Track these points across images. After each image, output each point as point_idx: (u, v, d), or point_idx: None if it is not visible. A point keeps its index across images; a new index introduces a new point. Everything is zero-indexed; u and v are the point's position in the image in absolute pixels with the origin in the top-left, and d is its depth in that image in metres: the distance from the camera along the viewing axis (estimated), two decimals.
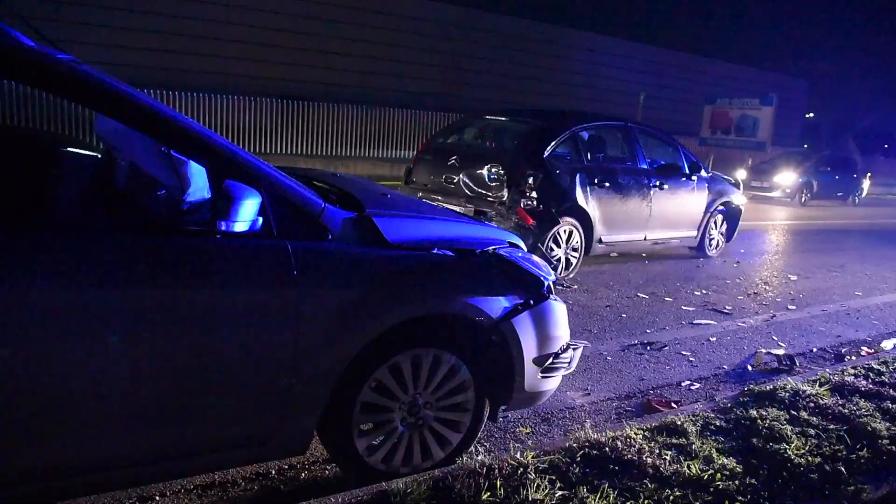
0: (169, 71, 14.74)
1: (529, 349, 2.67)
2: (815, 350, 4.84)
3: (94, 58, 13.36)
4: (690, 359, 4.39)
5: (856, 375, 3.85)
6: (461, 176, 6.22)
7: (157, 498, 2.39)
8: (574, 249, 6.33)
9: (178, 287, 1.93)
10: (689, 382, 3.97)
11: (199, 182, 2.21)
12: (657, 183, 7.00)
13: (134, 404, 1.96)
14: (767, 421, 3.04)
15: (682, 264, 7.61)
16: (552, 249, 6.10)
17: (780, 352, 4.57)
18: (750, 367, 4.32)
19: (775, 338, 5.03)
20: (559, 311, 2.81)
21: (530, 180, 5.93)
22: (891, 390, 3.61)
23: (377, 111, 16.47)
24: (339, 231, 2.26)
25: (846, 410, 3.24)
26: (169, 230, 2.04)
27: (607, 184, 6.48)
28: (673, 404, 3.54)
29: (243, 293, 2.03)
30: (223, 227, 1.90)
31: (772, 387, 3.51)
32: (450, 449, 2.63)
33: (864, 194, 19.99)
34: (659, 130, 7.70)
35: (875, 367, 4.06)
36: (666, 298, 5.94)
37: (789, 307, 6.03)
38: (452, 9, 19.69)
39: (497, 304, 2.56)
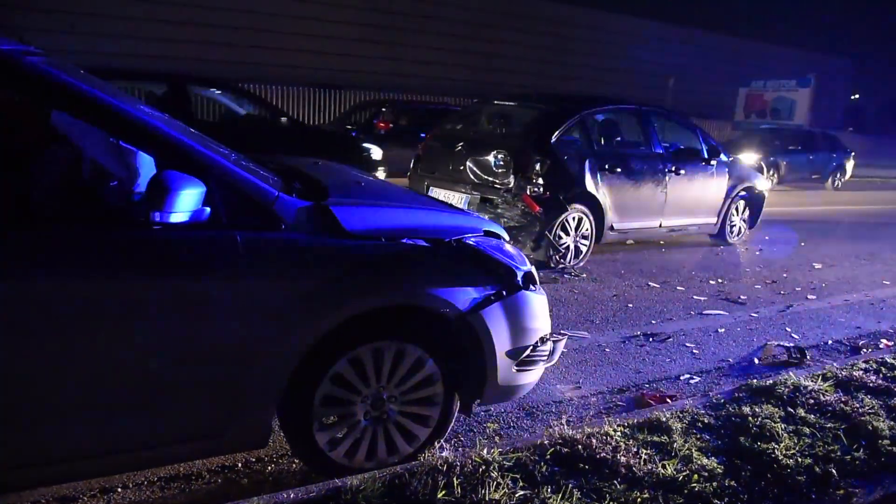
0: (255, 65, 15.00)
1: (502, 342, 2.57)
2: (830, 342, 4.62)
3: (184, 53, 13.69)
4: (694, 351, 4.22)
5: (866, 370, 3.64)
6: (467, 163, 6.11)
7: (120, 490, 2.38)
8: (584, 237, 6.18)
9: (117, 279, 1.90)
10: (688, 376, 3.82)
11: (150, 173, 2.17)
12: (673, 168, 6.77)
13: (80, 397, 1.94)
14: (759, 418, 2.88)
15: (701, 252, 7.37)
16: (560, 237, 5.96)
17: (791, 344, 4.37)
18: (757, 361, 4.14)
19: (789, 329, 4.82)
20: (536, 302, 2.71)
21: (537, 167, 5.79)
22: None
23: (405, 99, 16.41)
24: (294, 220, 2.20)
25: (848, 408, 3.06)
26: (113, 222, 2.01)
27: (619, 169, 6.29)
28: (667, 399, 3.40)
29: (186, 284, 1.99)
30: (157, 218, 1.86)
31: (771, 382, 3.34)
32: (417, 444, 2.56)
33: (846, 177, 17.72)
34: (676, 114, 7.46)
35: (889, 360, 3.84)
36: (678, 287, 5.75)
37: (809, 297, 5.78)
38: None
39: (465, 296, 2.47)
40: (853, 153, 17.94)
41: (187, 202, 1.91)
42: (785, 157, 15.94)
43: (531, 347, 2.69)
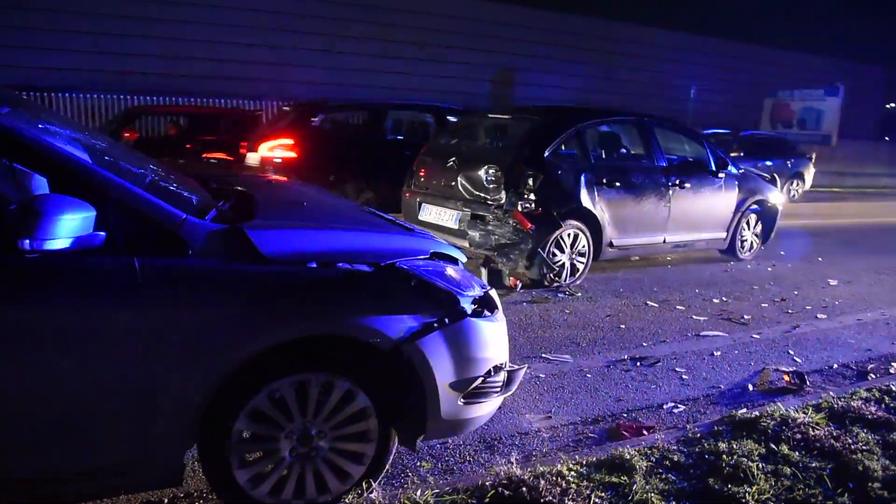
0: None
1: (444, 373, 2.38)
2: (835, 366, 4.30)
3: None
4: (683, 377, 3.96)
5: (867, 399, 3.35)
6: (459, 178, 5.94)
7: None
8: (581, 254, 5.94)
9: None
10: (673, 404, 3.55)
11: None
12: (677, 181, 6.50)
13: None
14: (735, 456, 2.63)
15: (709, 268, 7.06)
16: (555, 255, 5.73)
17: (791, 369, 4.08)
18: (751, 387, 3.86)
19: (792, 352, 4.51)
20: (487, 330, 2.51)
21: (529, 181, 5.59)
22: None
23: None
24: (204, 245, 2.05)
25: (839, 444, 2.78)
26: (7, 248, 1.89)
27: (618, 183, 6.05)
28: (644, 431, 3.16)
29: (75, 314, 1.85)
30: (28, 246, 1.72)
31: (757, 413, 3.08)
32: (351, 482, 2.37)
33: (805, 186, 15.73)
34: (681, 125, 7.21)
35: (895, 388, 3.54)
36: (678, 307, 5.47)
37: (819, 316, 5.44)
38: (509, 8, 19.42)
39: (399, 324, 2.28)
40: (812, 159, 15.94)
41: (68, 227, 1.77)
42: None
43: (481, 378, 2.49)
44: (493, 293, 2.90)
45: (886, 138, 30.36)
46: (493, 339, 2.55)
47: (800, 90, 22.20)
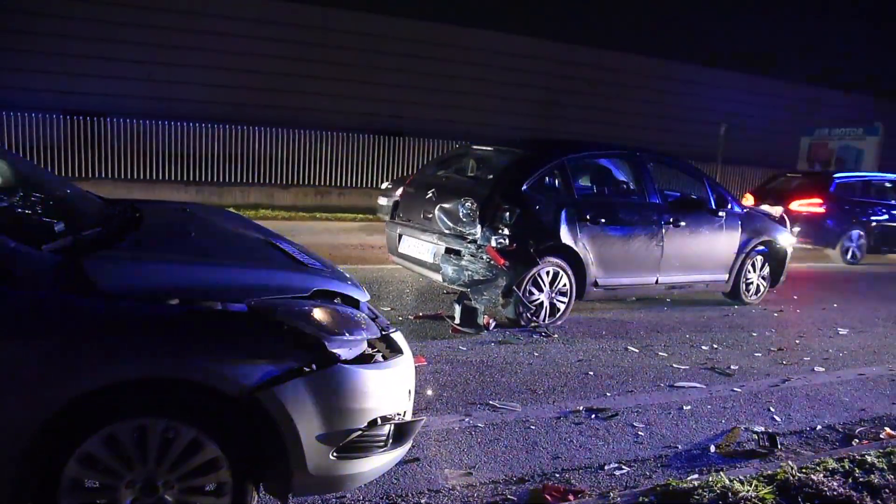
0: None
1: (308, 424, 2.15)
2: (819, 428, 3.88)
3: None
4: (640, 433, 3.61)
5: (832, 472, 2.96)
6: (436, 210, 5.74)
7: None
8: (562, 294, 5.64)
9: None
10: (616, 465, 3.21)
11: None
12: (671, 219, 6.17)
13: None
14: None
15: (708, 312, 6.64)
16: (532, 293, 5.45)
17: (762, 429, 3.69)
18: (713, 449, 3.48)
19: (773, 409, 4.10)
20: (367, 378, 2.28)
21: (505, 215, 5.35)
22: (870, 499, 2.72)
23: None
24: (32, 276, 1.90)
25: None
26: None
27: (603, 220, 5.75)
28: (571, 496, 2.84)
29: None
30: None
31: (696, 483, 2.73)
32: None
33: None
34: (680, 161, 6.89)
35: (870, 459, 3.13)
36: (660, 353, 5.10)
37: (816, 369, 5.00)
38: (546, 44, 19.48)
39: (253, 369, 2.07)
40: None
41: None
42: None
43: (358, 432, 2.25)
44: (398, 336, 2.67)
45: None
46: (377, 388, 2.31)
47: (838, 129, 21.43)
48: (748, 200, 11.01)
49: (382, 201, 10.72)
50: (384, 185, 11.79)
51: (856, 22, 29.69)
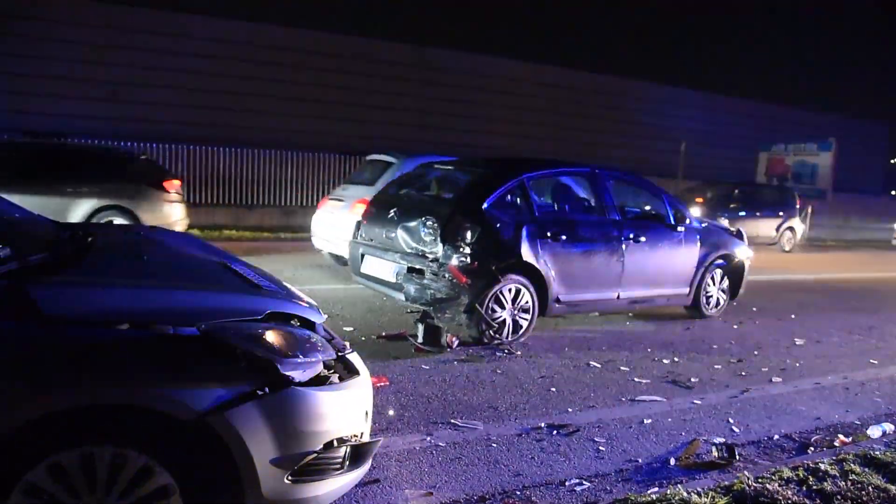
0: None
1: (261, 448, 2.11)
2: (776, 437, 3.94)
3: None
4: (601, 448, 3.61)
5: (787, 481, 3.00)
6: (398, 230, 5.73)
7: None
8: (525, 311, 5.65)
9: None
10: (577, 481, 3.20)
11: None
12: (631, 235, 6.25)
13: None
14: None
15: (669, 326, 6.73)
16: (494, 311, 5.45)
17: (721, 441, 3.73)
18: (674, 461, 3.50)
19: (732, 420, 4.16)
20: (322, 400, 2.25)
21: (466, 234, 5.36)
22: None
23: None
24: None
25: None
26: None
27: (564, 237, 5.81)
28: None
29: None
30: None
31: (654, 497, 2.74)
32: None
33: (797, 237, 16.04)
34: (638, 177, 7.00)
35: (824, 467, 3.19)
36: (621, 367, 5.14)
37: (774, 379, 5.09)
38: (511, 63, 19.84)
39: (205, 394, 2.03)
40: (807, 212, 16.40)
41: None
42: (725, 215, 14.61)
43: (314, 455, 2.21)
44: (355, 357, 2.65)
45: (893, 192, 30.32)
46: (332, 410, 2.28)
47: (794, 144, 22.15)
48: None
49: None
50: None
51: (812, 41, 30.89)
